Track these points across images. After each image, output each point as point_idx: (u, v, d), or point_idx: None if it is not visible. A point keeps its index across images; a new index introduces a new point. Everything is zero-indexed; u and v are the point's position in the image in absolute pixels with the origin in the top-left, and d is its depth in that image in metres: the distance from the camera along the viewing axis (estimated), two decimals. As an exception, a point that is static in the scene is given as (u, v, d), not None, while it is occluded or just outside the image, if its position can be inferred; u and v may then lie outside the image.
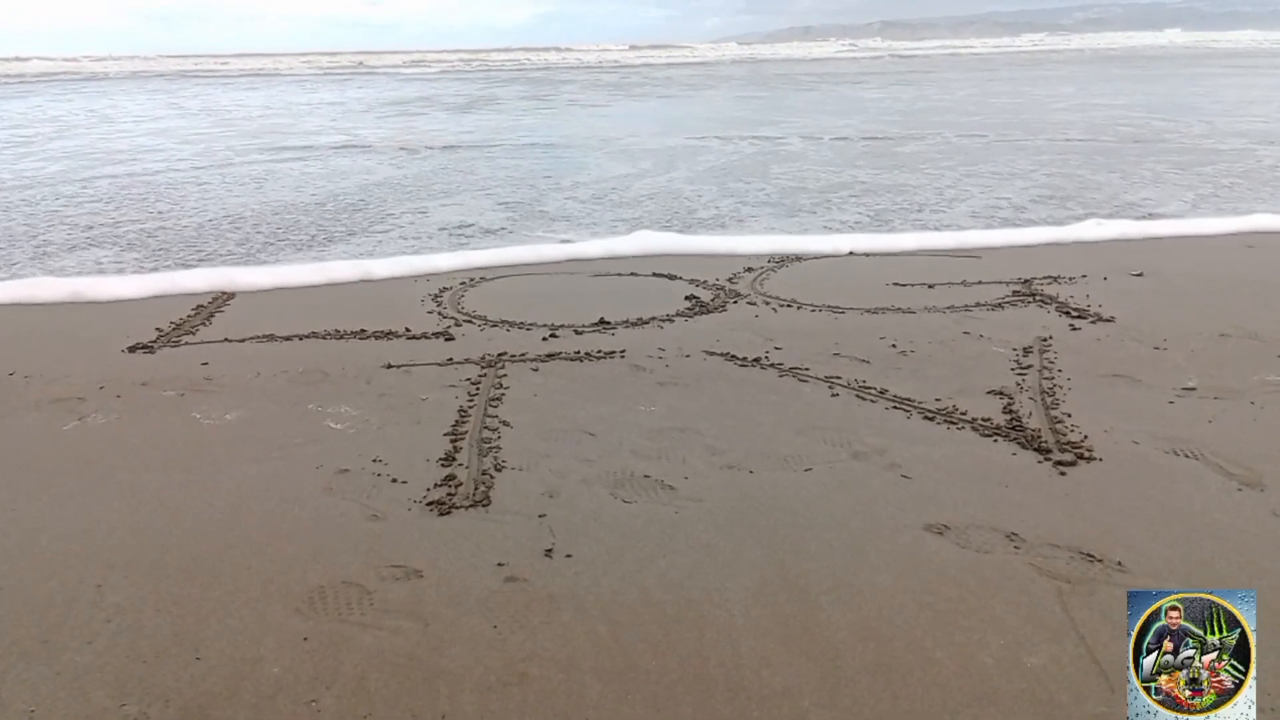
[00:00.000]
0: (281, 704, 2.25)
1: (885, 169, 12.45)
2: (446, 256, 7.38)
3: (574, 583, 2.74)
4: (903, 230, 8.54)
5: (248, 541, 3.00)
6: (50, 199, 10.86)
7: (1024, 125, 17.68)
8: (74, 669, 2.39)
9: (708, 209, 9.84)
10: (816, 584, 2.72)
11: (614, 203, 10.36)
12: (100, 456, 3.70)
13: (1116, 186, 10.70)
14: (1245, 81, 29.29)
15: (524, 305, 5.84)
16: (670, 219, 9.35)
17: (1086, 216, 8.78)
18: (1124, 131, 16.07)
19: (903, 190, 10.73)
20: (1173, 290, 5.98)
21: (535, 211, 9.88)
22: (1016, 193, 10.42)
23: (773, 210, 9.76)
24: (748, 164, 13.15)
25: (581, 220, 9.41)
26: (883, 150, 14.37)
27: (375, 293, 6.38)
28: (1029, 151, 13.82)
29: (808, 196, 10.48)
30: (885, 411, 4.02)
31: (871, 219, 9.14)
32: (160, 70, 54.32)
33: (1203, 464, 3.46)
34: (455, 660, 2.40)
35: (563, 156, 14.55)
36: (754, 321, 5.44)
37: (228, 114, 23.46)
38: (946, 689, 2.27)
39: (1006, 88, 29.02)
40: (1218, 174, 11.49)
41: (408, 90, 32.18)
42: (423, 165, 13.48)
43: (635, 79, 37.86)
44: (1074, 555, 2.83)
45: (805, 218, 9.29)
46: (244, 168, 13.38)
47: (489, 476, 3.44)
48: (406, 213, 9.81)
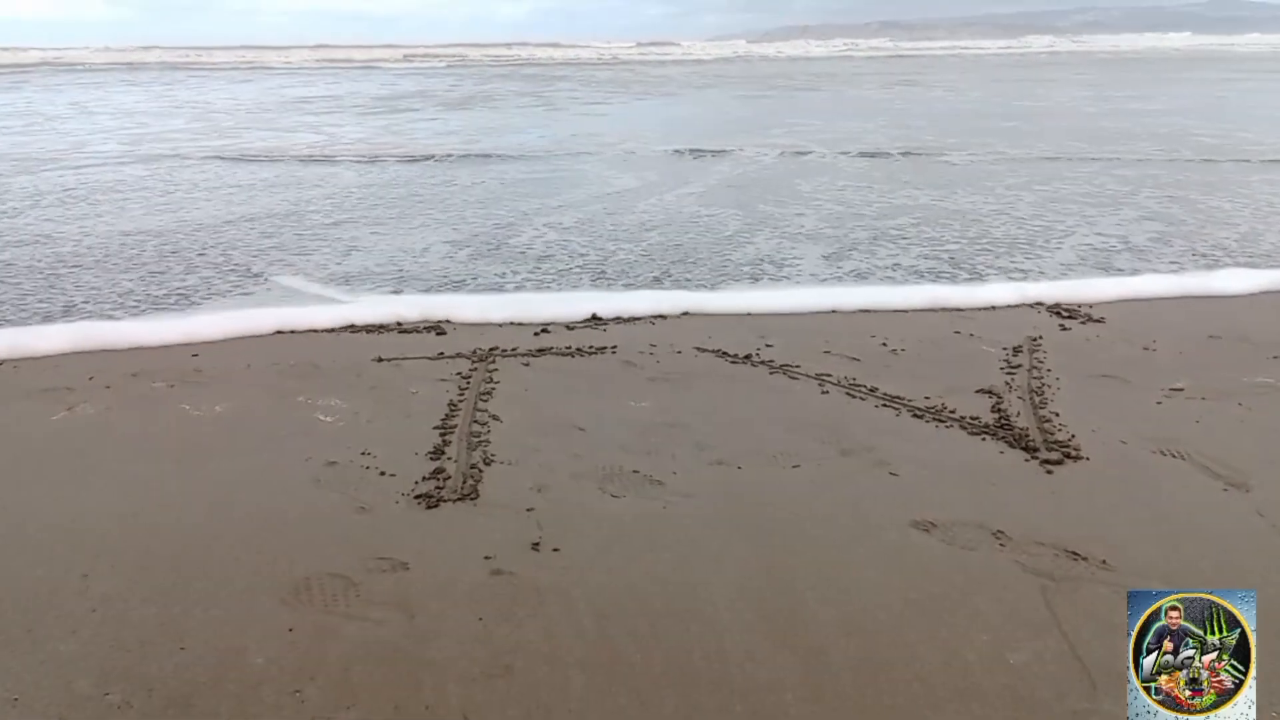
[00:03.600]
0: (265, 694, 2.26)
1: (941, 188, 10.27)
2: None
3: (561, 576, 2.75)
4: (991, 277, 6.53)
5: (235, 533, 3.00)
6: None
7: (1080, 134, 15.40)
8: (58, 658, 2.39)
9: (736, 242, 7.62)
10: (803, 580, 2.72)
11: (609, 233, 8.03)
12: (89, 447, 3.70)
13: (1245, 218, 8.52)
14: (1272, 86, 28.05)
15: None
16: (689, 260, 7.03)
17: (1220, 261, 6.92)
18: (1204, 144, 13.72)
19: (975, 219, 8.56)
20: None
21: (497, 248, 7.47)
22: (1124, 227, 8.20)
23: (819, 246, 7.50)
24: (771, 179, 11.13)
25: (557, 263, 6.98)
26: (928, 165, 12.15)
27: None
28: (1106, 167, 11.63)
29: (859, 225, 8.33)
30: (875, 409, 4.03)
31: (948, 261, 6.99)
32: (153, 62, 53.91)
33: (1189, 464, 3.47)
34: (440, 652, 2.41)
35: (552, 166, 12.42)
36: (745, 319, 5.45)
37: (207, 109, 21.98)
38: (929, 684, 2.28)
39: (1021, 89, 27.85)
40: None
41: (404, 84, 32.09)
42: (383, 176, 11.48)
43: (634, 77, 37.59)
44: (1059, 553, 2.84)
45: (861, 258, 7.09)
46: (183, 173, 11.66)
47: (478, 470, 3.44)
48: (325, 246, 7.62)
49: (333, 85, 32.21)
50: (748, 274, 6.63)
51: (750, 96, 26.49)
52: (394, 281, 6.53)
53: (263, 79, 37.15)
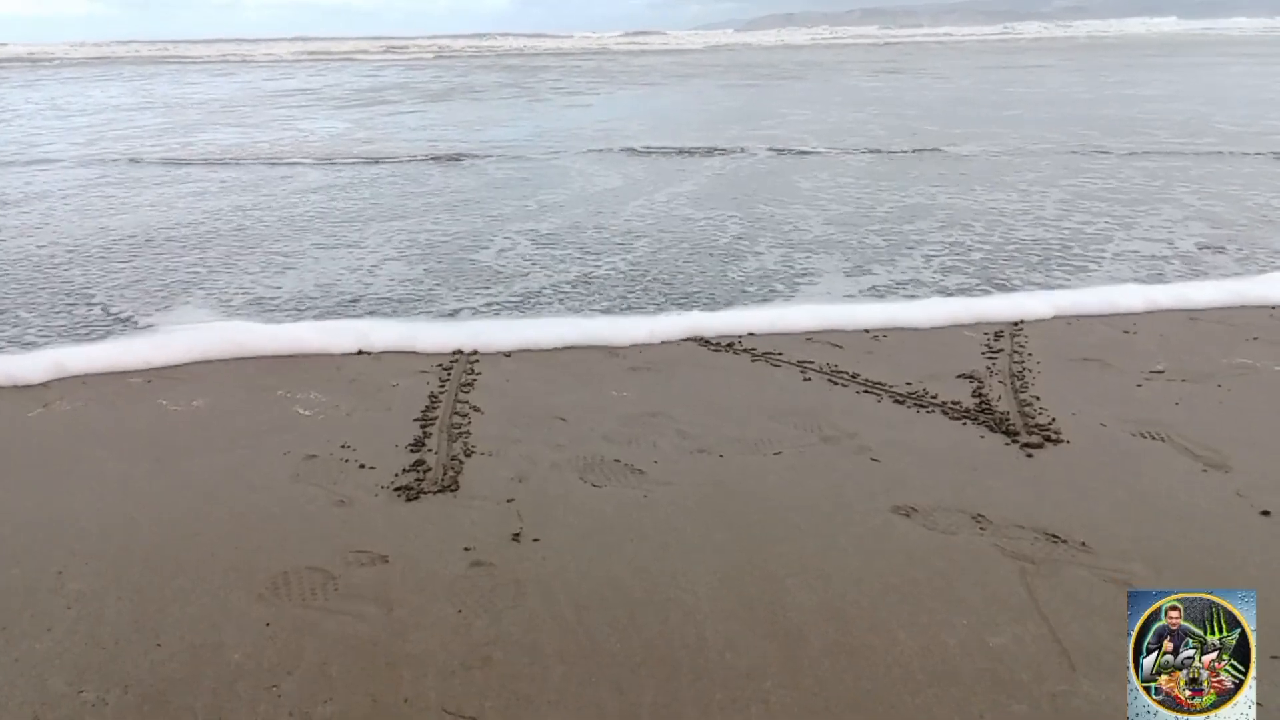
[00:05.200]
0: (242, 689, 2.24)
1: (959, 185, 9.47)
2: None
3: (541, 567, 2.73)
4: (1021, 286, 5.84)
5: (213, 529, 2.97)
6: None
7: (1090, 123, 14.61)
8: (32, 656, 2.36)
9: (737, 253, 6.72)
10: (783, 567, 2.72)
11: (591, 245, 7.02)
12: (65, 444, 3.66)
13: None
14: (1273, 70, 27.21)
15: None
16: (688, 276, 6.13)
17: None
18: (1226, 132, 13.06)
19: (1000, 220, 7.79)
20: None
21: (456, 270, 6.36)
22: (1168, 229, 7.36)
23: (833, 255, 6.65)
24: (767, 175, 10.40)
25: (530, 283, 5.99)
26: (940, 159, 11.32)
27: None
28: (1126, 159, 10.85)
29: (875, 230, 7.49)
30: (856, 396, 4.03)
31: (978, 271, 6.18)
32: (129, 56, 53.23)
33: (1169, 446, 3.48)
34: (419, 645, 2.39)
35: (530, 163, 11.44)
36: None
37: (179, 103, 21.37)
38: (908, 669, 2.28)
39: (1012, 75, 27.31)
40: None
41: (386, 76, 31.87)
42: (342, 177, 10.49)
43: (618, 67, 37.45)
44: (1039, 536, 2.85)
45: (882, 270, 6.25)
46: (127, 176, 10.67)
47: (458, 462, 3.42)
48: (256, 262, 6.65)
49: (314, 78, 31.93)
50: (755, 296, 5.73)
51: (737, 86, 25.99)
52: (331, 309, 5.54)
53: (243, 73, 36.81)
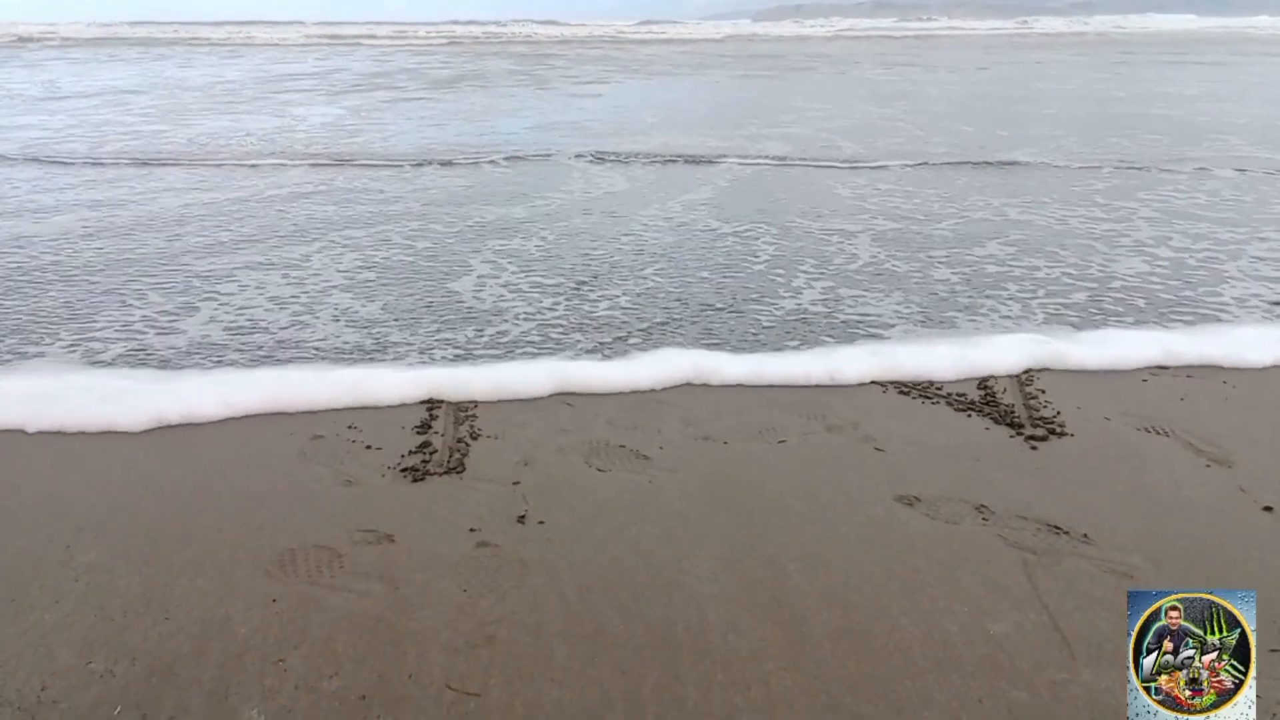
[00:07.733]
0: (249, 663, 2.26)
1: (1023, 197, 8.13)
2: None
3: (545, 549, 2.75)
4: (1126, 323, 4.86)
5: (219, 505, 2.99)
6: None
7: (1146, 123, 12.93)
8: (40, 627, 2.39)
9: (774, 285, 5.50)
10: (786, 553, 2.74)
11: (593, 267, 5.88)
12: (73, 420, 3.67)
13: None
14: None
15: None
16: (710, 315, 4.96)
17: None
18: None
19: (1092, 246, 6.43)
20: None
21: (417, 312, 5.00)
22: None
23: (892, 294, 5.34)
24: (795, 180, 9.00)
25: (512, 325, 4.77)
26: (989, 165, 9.80)
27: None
28: (1205, 172, 9.31)
29: (935, 255, 6.18)
30: (861, 386, 4.04)
31: (1079, 315, 4.99)
32: (138, 38, 53.16)
33: (1173, 441, 3.49)
34: (424, 623, 2.41)
35: (527, 163, 10.09)
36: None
37: (176, 88, 19.81)
38: (909, 654, 2.30)
39: (1034, 71, 25.88)
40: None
41: (394, 61, 31.77)
42: (311, 176, 9.18)
43: (629, 56, 37.28)
44: (1041, 527, 2.86)
45: (965, 321, 4.90)
46: (64, 175, 9.33)
47: (464, 444, 3.44)
48: (162, 293, 5.34)
49: (321, 62, 31.83)
50: (796, 348, 4.50)
51: (752, 76, 24.69)
52: (238, 362, 4.30)
53: (251, 54, 36.70)
